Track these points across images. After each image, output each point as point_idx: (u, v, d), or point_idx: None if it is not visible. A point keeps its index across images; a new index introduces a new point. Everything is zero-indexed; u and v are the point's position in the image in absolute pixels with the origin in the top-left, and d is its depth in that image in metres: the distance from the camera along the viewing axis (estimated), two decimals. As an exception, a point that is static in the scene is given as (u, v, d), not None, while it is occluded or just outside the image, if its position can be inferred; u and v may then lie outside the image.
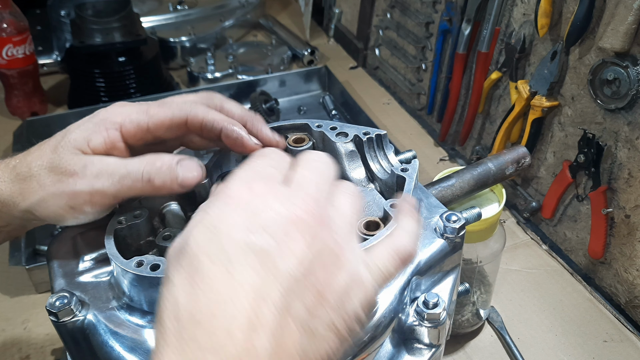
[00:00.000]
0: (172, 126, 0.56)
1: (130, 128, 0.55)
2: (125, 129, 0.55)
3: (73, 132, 0.55)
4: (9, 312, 0.99)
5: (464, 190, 0.76)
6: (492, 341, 0.94)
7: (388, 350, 0.56)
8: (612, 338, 0.93)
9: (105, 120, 0.55)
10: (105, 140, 0.54)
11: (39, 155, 0.56)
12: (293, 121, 0.69)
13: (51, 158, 0.54)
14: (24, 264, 0.99)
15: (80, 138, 0.54)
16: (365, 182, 0.66)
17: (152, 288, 0.52)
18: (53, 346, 0.93)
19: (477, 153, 1.28)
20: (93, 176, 0.53)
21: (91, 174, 0.53)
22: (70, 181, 0.53)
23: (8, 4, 1.34)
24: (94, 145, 0.54)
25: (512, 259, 1.07)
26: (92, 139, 0.54)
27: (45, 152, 0.56)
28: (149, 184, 0.52)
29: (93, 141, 0.54)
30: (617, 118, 0.92)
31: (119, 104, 0.57)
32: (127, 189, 0.53)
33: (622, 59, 0.87)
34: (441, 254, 0.60)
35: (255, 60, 1.66)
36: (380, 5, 1.58)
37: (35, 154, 0.56)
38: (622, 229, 0.95)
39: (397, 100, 1.56)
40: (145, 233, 0.58)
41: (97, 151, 0.54)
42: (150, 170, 0.52)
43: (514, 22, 1.10)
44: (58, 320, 0.52)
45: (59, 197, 0.54)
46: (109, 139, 0.54)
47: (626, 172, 0.92)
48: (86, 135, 0.54)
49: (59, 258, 0.60)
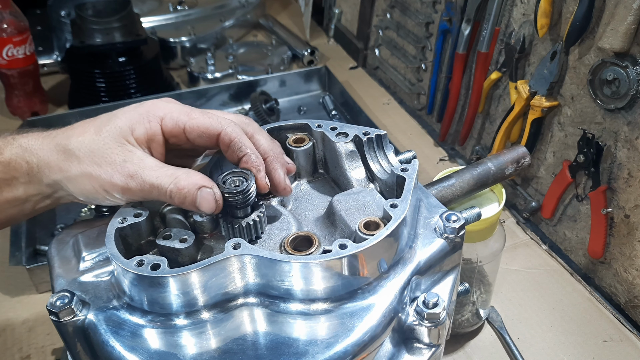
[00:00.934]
0: (205, 135, 0.59)
1: (170, 124, 0.59)
2: (165, 124, 0.59)
3: (120, 118, 0.58)
4: (10, 312, 0.99)
5: (464, 190, 0.76)
6: (492, 341, 0.94)
7: (388, 350, 0.56)
8: (612, 338, 0.93)
9: (149, 113, 0.59)
10: (147, 132, 0.58)
11: (81, 132, 0.58)
12: (293, 121, 0.69)
13: (94, 140, 0.57)
14: (25, 264, 0.99)
15: (126, 127, 0.58)
16: (365, 182, 0.66)
17: (153, 287, 0.52)
18: (53, 346, 0.93)
19: (477, 153, 1.28)
20: (129, 175, 0.56)
21: (128, 172, 0.56)
22: (108, 170, 0.56)
23: (8, 4, 1.34)
24: (137, 135, 0.58)
25: (511, 259, 1.07)
26: (135, 128, 0.58)
27: (88, 131, 0.58)
28: (170, 200, 0.57)
29: (137, 131, 0.58)
30: (617, 118, 0.92)
31: (166, 99, 0.62)
32: (152, 197, 0.57)
33: (622, 59, 0.87)
34: (441, 254, 0.60)
35: (255, 60, 1.66)
36: (380, 5, 1.59)
37: (78, 129, 0.59)
38: (621, 229, 0.95)
39: (397, 100, 1.56)
40: (145, 233, 0.59)
41: (139, 141, 0.58)
42: (173, 190, 0.56)
43: (513, 22, 1.10)
44: (59, 320, 0.53)
45: (95, 179, 0.57)
46: (150, 131, 0.58)
47: (626, 172, 0.92)
48: (131, 125, 0.58)
49: (60, 258, 0.60)
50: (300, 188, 0.69)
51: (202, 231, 0.60)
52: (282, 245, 0.57)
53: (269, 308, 0.54)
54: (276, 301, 0.54)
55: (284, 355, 0.50)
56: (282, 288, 0.54)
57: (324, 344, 0.51)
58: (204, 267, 0.51)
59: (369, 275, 0.55)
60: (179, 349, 0.51)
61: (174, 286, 0.51)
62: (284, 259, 0.52)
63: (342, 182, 0.67)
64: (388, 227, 0.55)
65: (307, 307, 0.54)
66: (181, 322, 0.53)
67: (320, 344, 0.51)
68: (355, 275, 0.54)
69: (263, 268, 0.53)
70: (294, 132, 0.69)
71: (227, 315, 0.53)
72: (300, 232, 0.58)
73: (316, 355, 0.50)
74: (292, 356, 0.50)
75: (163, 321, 0.53)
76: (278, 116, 1.47)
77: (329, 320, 0.53)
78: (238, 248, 0.52)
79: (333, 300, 0.54)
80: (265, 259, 0.52)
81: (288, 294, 0.54)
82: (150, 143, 0.59)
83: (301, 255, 0.54)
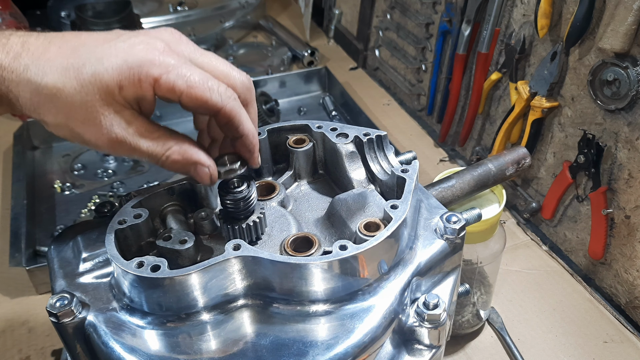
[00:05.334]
0: (202, 108, 0.53)
1: (164, 89, 0.51)
2: (159, 88, 0.51)
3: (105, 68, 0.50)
4: (10, 313, 0.99)
5: (464, 191, 0.76)
6: (493, 342, 0.94)
7: (388, 351, 0.56)
8: (613, 339, 0.93)
9: (142, 69, 0.50)
10: (137, 94, 0.51)
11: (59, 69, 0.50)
12: (293, 122, 0.69)
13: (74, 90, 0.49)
14: (25, 265, 0.99)
15: (113, 83, 0.50)
16: (365, 183, 0.66)
17: (153, 289, 0.52)
18: (53, 347, 0.93)
19: (477, 154, 1.28)
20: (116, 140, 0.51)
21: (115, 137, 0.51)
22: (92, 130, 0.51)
23: (8, 5, 1.34)
24: (125, 95, 0.50)
25: (512, 260, 1.07)
26: (124, 87, 0.50)
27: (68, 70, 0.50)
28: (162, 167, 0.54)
29: (125, 90, 0.50)
30: (617, 119, 0.92)
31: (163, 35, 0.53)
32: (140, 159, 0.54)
33: (622, 59, 0.87)
34: (441, 255, 0.60)
35: (255, 61, 1.66)
36: (380, 6, 1.59)
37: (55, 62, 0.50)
38: (622, 230, 0.95)
39: (397, 101, 1.56)
40: (145, 234, 0.58)
41: (128, 99, 0.51)
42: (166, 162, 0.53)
43: (513, 23, 1.10)
44: (58, 321, 0.53)
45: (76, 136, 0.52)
46: (140, 93, 0.51)
47: (626, 173, 0.92)
48: (119, 81, 0.50)
49: (60, 259, 0.60)
50: (300, 189, 0.69)
51: (202, 232, 0.60)
52: (282, 246, 0.57)
53: (269, 309, 0.54)
54: (276, 303, 0.54)
55: (284, 356, 0.50)
56: (282, 289, 0.54)
57: (324, 346, 0.51)
58: (204, 269, 0.51)
59: (370, 277, 0.55)
60: (179, 350, 0.51)
61: (174, 287, 0.51)
62: (284, 260, 0.52)
63: (342, 183, 0.67)
64: (388, 228, 0.54)
65: (307, 308, 0.54)
66: (181, 323, 0.53)
67: (320, 346, 0.51)
68: (356, 277, 0.54)
69: (263, 269, 0.53)
70: (294, 133, 0.69)
71: (227, 317, 0.53)
72: (301, 233, 0.58)
73: (316, 357, 0.50)
74: (292, 357, 0.50)
75: (163, 323, 0.53)
76: (278, 117, 1.47)
77: (329, 321, 0.53)
78: (238, 249, 0.52)
79: (333, 301, 0.54)
80: (265, 260, 0.52)
81: (288, 296, 0.54)
82: (140, 102, 0.52)
83: (301, 257, 0.54)
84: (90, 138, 0.51)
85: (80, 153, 1.36)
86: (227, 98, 0.53)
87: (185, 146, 0.54)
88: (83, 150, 1.36)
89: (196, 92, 0.51)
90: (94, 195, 1.23)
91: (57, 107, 0.50)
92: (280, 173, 0.69)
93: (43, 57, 0.50)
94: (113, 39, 0.52)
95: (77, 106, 0.50)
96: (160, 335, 0.52)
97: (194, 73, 0.51)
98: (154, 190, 0.61)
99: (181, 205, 0.62)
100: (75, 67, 0.50)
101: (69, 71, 0.50)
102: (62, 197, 1.24)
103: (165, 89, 0.51)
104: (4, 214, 1.18)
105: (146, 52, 0.50)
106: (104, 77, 0.49)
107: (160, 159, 0.53)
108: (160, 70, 0.50)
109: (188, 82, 0.51)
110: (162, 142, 0.53)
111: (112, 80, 0.49)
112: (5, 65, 0.50)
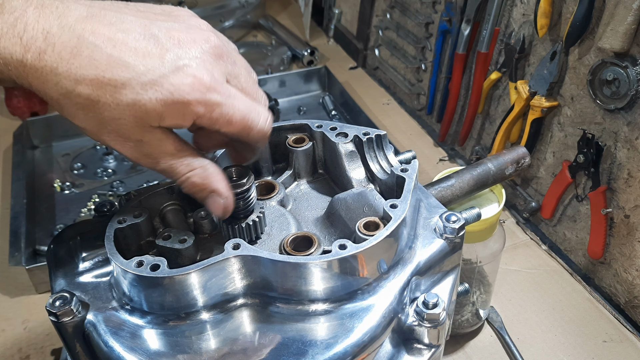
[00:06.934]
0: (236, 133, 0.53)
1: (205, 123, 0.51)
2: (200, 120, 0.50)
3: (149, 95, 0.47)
4: (9, 312, 0.99)
5: (464, 191, 0.76)
6: (492, 341, 0.94)
7: (388, 351, 0.56)
8: (612, 338, 0.93)
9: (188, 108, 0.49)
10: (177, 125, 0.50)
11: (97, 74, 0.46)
12: (293, 121, 0.69)
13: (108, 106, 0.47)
14: (24, 264, 0.99)
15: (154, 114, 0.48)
16: (365, 183, 0.66)
17: (152, 288, 0.52)
18: (53, 346, 0.93)
19: (476, 153, 1.28)
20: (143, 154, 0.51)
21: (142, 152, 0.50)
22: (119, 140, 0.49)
23: None
24: (164, 125, 0.49)
25: (511, 259, 1.07)
26: (165, 119, 0.49)
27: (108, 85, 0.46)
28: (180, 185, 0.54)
29: (165, 121, 0.49)
30: (617, 118, 0.92)
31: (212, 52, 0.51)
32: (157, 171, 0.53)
33: (622, 59, 0.87)
34: (441, 254, 0.60)
35: (255, 61, 1.66)
36: (380, 5, 1.59)
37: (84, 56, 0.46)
38: (621, 229, 0.95)
39: (396, 101, 1.56)
40: (145, 233, 0.58)
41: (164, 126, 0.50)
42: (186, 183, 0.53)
43: (513, 22, 1.10)
44: (58, 320, 0.53)
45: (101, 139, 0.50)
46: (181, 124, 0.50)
47: (625, 172, 0.92)
48: (161, 113, 0.48)
49: (59, 258, 0.60)
50: (300, 188, 0.69)
51: (202, 231, 0.60)
52: (282, 245, 0.57)
53: (268, 309, 0.54)
54: (276, 302, 0.54)
55: (284, 356, 0.50)
56: (281, 289, 0.54)
57: (324, 345, 0.51)
58: (203, 268, 0.51)
59: (369, 276, 0.55)
60: (179, 349, 0.51)
61: (174, 287, 0.51)
62: (283, 260, 0.52)
63: (341, 182, 0.67)
64: (388, 228, 0.54)
65: (306, 307, 0.54)
66: (181, 322, 0.53)
67: (319, 345, 0.51)
68: (355, 276, 0.54)
69: (263, 269, 0.53)
70: (294, 133, 0.69)
71: (227, 316, 0.53)
72: (300, 233, 0.58)
73: (316, 356, 0.50)
74: (292, 357, 0.50)
75: (162, 322, 0.53)
76: (278, 116, 1.47)
77: (328, 320, 0.53)
78: (238, 248, 0.52)
79: (333, 300, 0.54)
80: (265, 259, 0.52)
81: (288, 295, 0.54)
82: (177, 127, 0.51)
83: (301, 256, 0.54)
84: (116, 146, 0.50)
85: (80, 152, 1.36)
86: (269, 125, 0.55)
87: (209, 172, 0.53)
88: (83, 150, 1.37)
89: (234, 129, 0.52)
90: (94, 194, 1.23)
91: (86, 115, 0.48)
92: (280, 172, 0.69)
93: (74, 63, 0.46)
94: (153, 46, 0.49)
95: (108, 119, 0.48)
96: (160, 335, 0.52)
97: (235, 111, 0.51)
98: (153, 189, 0.61)
99: (181, 205, 0.62)
100: (113, 86, 0.47)
101: (105, 89, 0.47)
102: (61, 196, 1.24)
103: (207, 124, 0.51)
104: (4, 213, 1.18)
105: (193, 88, 0.49)
106: (146, 105, 0.48)
107: (180, 179, 0.53)
108: (205, 110, 0.50)
109: (229, 120, 0.51)
110: (187, 163, 0.52)
111: (154, 110, 0.48)
112: (27, 63, 0.46)
